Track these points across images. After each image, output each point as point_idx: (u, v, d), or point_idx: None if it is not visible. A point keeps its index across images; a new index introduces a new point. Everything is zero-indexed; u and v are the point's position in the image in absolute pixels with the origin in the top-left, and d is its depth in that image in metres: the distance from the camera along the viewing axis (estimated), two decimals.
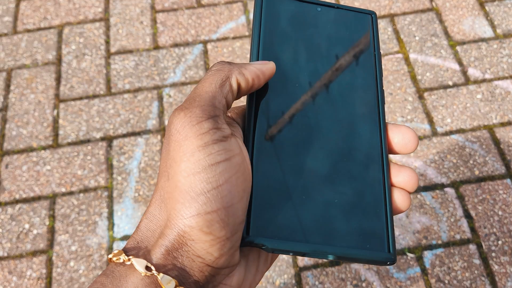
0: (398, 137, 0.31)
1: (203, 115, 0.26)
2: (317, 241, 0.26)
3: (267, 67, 0.29)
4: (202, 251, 0.25)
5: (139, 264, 0.24)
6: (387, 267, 1.09)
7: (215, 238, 0.25)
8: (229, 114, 0.31)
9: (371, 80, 0.32)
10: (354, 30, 0.33)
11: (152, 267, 0.24)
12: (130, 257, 0.25)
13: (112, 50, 1.43)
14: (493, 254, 1.10)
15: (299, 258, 1.11)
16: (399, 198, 0.30)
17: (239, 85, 0.28)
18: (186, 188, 0.25)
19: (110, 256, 0.26)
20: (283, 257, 1.11)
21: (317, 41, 0.32)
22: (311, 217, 0.27)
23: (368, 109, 0.31)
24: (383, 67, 1.37)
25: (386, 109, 1.30)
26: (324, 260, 1.09)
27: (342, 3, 1.50)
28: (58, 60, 1.42)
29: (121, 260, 0.25)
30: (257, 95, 0.29)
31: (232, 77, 0.28)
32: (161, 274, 0.24)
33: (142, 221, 0.27)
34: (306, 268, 1.10)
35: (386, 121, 0.32)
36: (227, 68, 0.28)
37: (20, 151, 1.27)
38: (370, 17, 0.34)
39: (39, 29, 1.48)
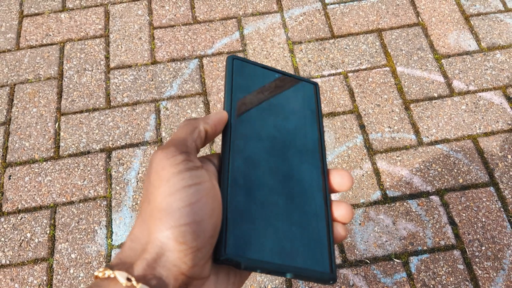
0: (337, 178, 0.38)
1: (177, 151, 0.32)
2: (278, 262, 0.32)
3: (223, 115, 0.36)
4: (178, 260, 0.29)
5: (120, 276, 0.28)
6: (374, 271, 1.14)
7: (188, 248, 0.29)
8: (207, 157, 0.37)
9: (316, 136, 0.40)
10: (302, 95, 0.41)
11: (132, 278, 0.28)
12: (114, 270, 0.29)
13: (112, 65, 1.49)
14: (477, 260, 1.14)
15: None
16: (337, 230, 0.37)
17: (206, 131, 0.35)
18: (164, 207, 0.30)
19: (95, 273, 0.30)
20: None
21: (274, 101, 0.39)
22: (274, 242, 0.33)
23: (314, 158, 0.38)
24: (371, 79, 1.43)
25: (373, 120, 1.35)
26: None
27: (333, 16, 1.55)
28: (60, 75, 1.48)
29: (106, 275, 0.29)
30: (231, 140, 0.36)
31: (200, 126, 0.35)
32: (140, 284, 0.28)
33: (126, 243, 0.31)
34: None
35: (327, 168, 0.40)
36: (195, 121, 0.35)
37: (23, 163, 1.32)
38: (314, 86, 0.42)
39: (42, 45, 1.54)
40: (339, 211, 0.37)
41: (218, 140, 1.35)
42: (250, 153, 0.35)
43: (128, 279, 0.28)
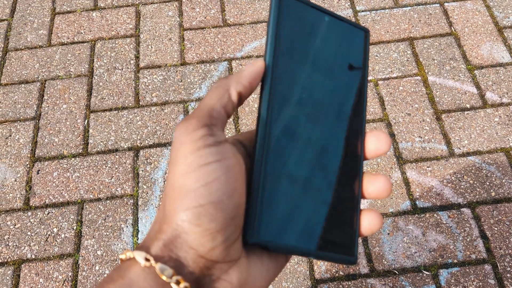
0: (372, 140, 0.35)
1: (198, 124, 0.29)
2: (307, 246, 0.31)
3: (258, 67, 0.32)
4: (194, 242, 0.28)
5: (139, 256, 0.28)
6: (403, 283, 1.12)
7: (205, 229, 0.27)
8: (239, 138, 0.35)
9: (362, 94, 0.37)
10: (352, 44, 0.37)
11: (151, 258, 0.27)
12: (134, 251, 0.28)
13: (142, 64, 1.50)
14: (509, 275, 1.12)
15: (316, 270, 1.14)
16: (369, 222, 0.34)
17: (240, 93, 0.32)
18: (180, 187, 0.28)
19: (120, 256, 0.30)
20: (301, 269, 1.14)
21: (322, 49, 0.36)
22: (305, 225, 0.32)
23: (357, 121, 0.36)
24: (402, 88, 1.41)
25: (404, 129, 1.34)
26: (341, 272, 1.12)
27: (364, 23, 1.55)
28: (90, 73, 1.49)
29: (128, 257, 0.29)
30: (269, 103, 0.32)
31: (231, 88, 0.32)
32: (158, 264, 0.27)
33: (151, 224, 0.31)
34: (323, 281, 1.13)
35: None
36: (225, 82, 0.32)
37: (51, 158, 1.33)
38: (365, 33, 0.39)
39: (73, 42, 1.56)
40: (373, 186, 0.34)
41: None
42: (289, 118, 0.32)
43: (147, 259, 0.27)
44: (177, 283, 0.27)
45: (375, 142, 0.35)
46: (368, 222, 0.34)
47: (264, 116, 0.31)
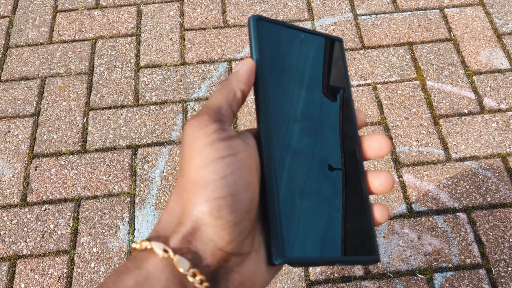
0: (374, 143, 0.36)
1: (210, 119, 0.30)
2: (330, 255, 0.32)
3: (250, 63, 0.34)
4: (214, 235, 0.28)
5: (157, 247, 0.28)
6: (397, 286, 1.12)
7: (225, 222, 0.28)
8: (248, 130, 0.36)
9: (348, 96, 0.38)
10: (330, 53, 0.39)
11: (169, 250, 0.28)
12: (151, 242, 0.29)
13: (142, 63, 1.50)
14: (503, 280, 1.12)
15: (311, 272, 1.14)
16: (378, 213, 0.35)
17: (242, 91, 0.33)
18: (197, 179, 0.28)
19: (133, 245, 0.30)
20: (295, 270, 1.14)
21: (304, 63, 0.37)
22: (323, 236, 0.33)
23: (350, 128, 0.37)
24: (400, 92, 1.42)
25: (401, 133, 1.34)
26: (335, 274, 1.12)
27: (364, 32, 1.55)
28: (90, 71, 1.49)
29: (143, 247, 0.29)
30: (268, 120, 0.34)
31: (234, 87, 0.33)
32: (177, 256, 0.27)
33: (162, 216, 0.31)
34: (318, 282, 1.13)
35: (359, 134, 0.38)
36: (227, 82, 0.33)
37: (50, 155, 1.33)
38: (339, 43, 0.40)
39: (74, 40, 1.56)
40: (378, 180, 0.35)
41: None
42: (288, 135, 0.34)
43: (165, 251, 0.28)
44: (193, 275, 0.27)
45: (377, 143, 0.36)
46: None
47: (266, 137, 0.32)
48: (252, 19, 0.35)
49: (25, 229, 1.22)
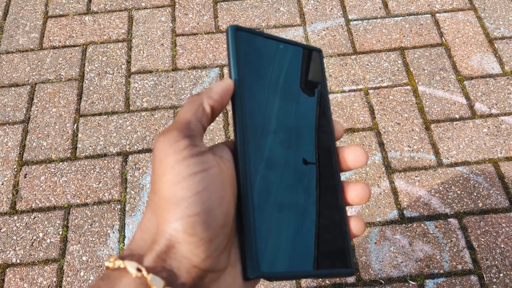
0: (351, 155, 0.36)
1: (180, 135, 0.30)
2: (305, 267, 0.32)
3: (227, 84, 0.33)
4: (189, 252, 0.28)
5: (130, 266, 0.27)
6: None
7: (199, 239, 0.28)
8: (223, 143, 0.35)
9: (326, 107, 0.38)
10: (308, 63, 0.39)
11: (143, 269, 0.27)
12: (124, 260, 0.28)
13: (133, 69, 1.49)
14: (494, 287, 1.12)
15: (303, 279, 1.14)
16: (354, 226, 0.35)
17: (212, 107, 0.33)
18: (170, 197, 0.28)
19: (106, 263, 0.29)
20: None
21: (283, 73, 0.37)
22: (298, 247, 0.32)
23: (327, 140, 0.37)
24: (392, 97, 1.41)
25: (393, 138, 1.34)
26: (327, 281, 1.11)
27: (356, 36, 1.55)
28: (81, 77, 1.48)
29: (116, 266, 0.28)
30: (244, 127, 0.33)
31: (204, 103, 0.32)
32: (151, 275, 0.27)
33: (136, 233, 0.30)
34: None
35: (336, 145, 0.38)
36: (197, 97, 0.33)
37: (39, 162, 1.32)
38: (319, 53, 0.40)
39: (64, 46, 1.55)
40: (354, 192, 0.35)
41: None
42: (264, 146, 0.33)
43: (138, 270, 0.27)
44: None
45: (353, 155, 0.36)
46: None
47: (241, 149, 0.32)
48: (230, 29, 0.34)
49: (14, 237, 1.21)
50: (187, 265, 0.28)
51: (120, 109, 1.41)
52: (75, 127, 1.38)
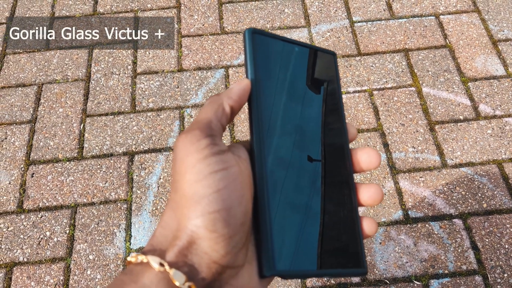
0: (364, 156, 0.37)
1: (201, 135, 0.31)
2: (319, 266, 0.33)
3: (245, 84, 0.34)
4: (209, 248, 0.29)
5: (153, 261, 0.28)
6: None
7: (220, 235, 0.29)
8: (240, 142, 0.36)
9: (340, 109, 0.39)
10: (323, 66, 0.40)
11: (165, 263, 0.28)
12: (147, 255, 0.29)
13: (139, 70, 1.51)
14: (499, 287, 1.12)
15: (308, 279, 1.14)
16: (367, 226, 0.36)
17: (231, 107, 0.34)
18: (191, 194, 0.29)
19: (128, 258, 0.30)
20: None
21: (299, 75, 0.38)
22: (313, 246, 0.33)
23: (341, 141, 0.38)
24: (396, 99, 1.42)
25: (397, 139, 1.35)
26: (332, 281, 1.12)
27: (359, 36, 1.56)
28: (87, 77, 1.49)
29: (139, 260, 0.29)
30: (260, 131, 0.34)
31: (224, 103, 0.33)
32: (173, 270, 0.28)
33: (157, 230, 0.31)
34: None
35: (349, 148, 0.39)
36: (217, 98, 0.34)
37: (46, 162, 1.33)
38: (333, 56, 0.41)
39: (71, 47, 1.57)
40: (367, 193, 0.36)
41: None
42: (280, 147, 0.34)
43: (161, 265, 0.28)
44: None
45: (366, 156, 0.37)
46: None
47: (258, 150, 0.33)
48: (248, 32, 0.35)
49: (22, 236, 1.22)
50: (207, 260, 0.29)
51: (126, 109, 1.42)
52: (81, 127, 1.39)
